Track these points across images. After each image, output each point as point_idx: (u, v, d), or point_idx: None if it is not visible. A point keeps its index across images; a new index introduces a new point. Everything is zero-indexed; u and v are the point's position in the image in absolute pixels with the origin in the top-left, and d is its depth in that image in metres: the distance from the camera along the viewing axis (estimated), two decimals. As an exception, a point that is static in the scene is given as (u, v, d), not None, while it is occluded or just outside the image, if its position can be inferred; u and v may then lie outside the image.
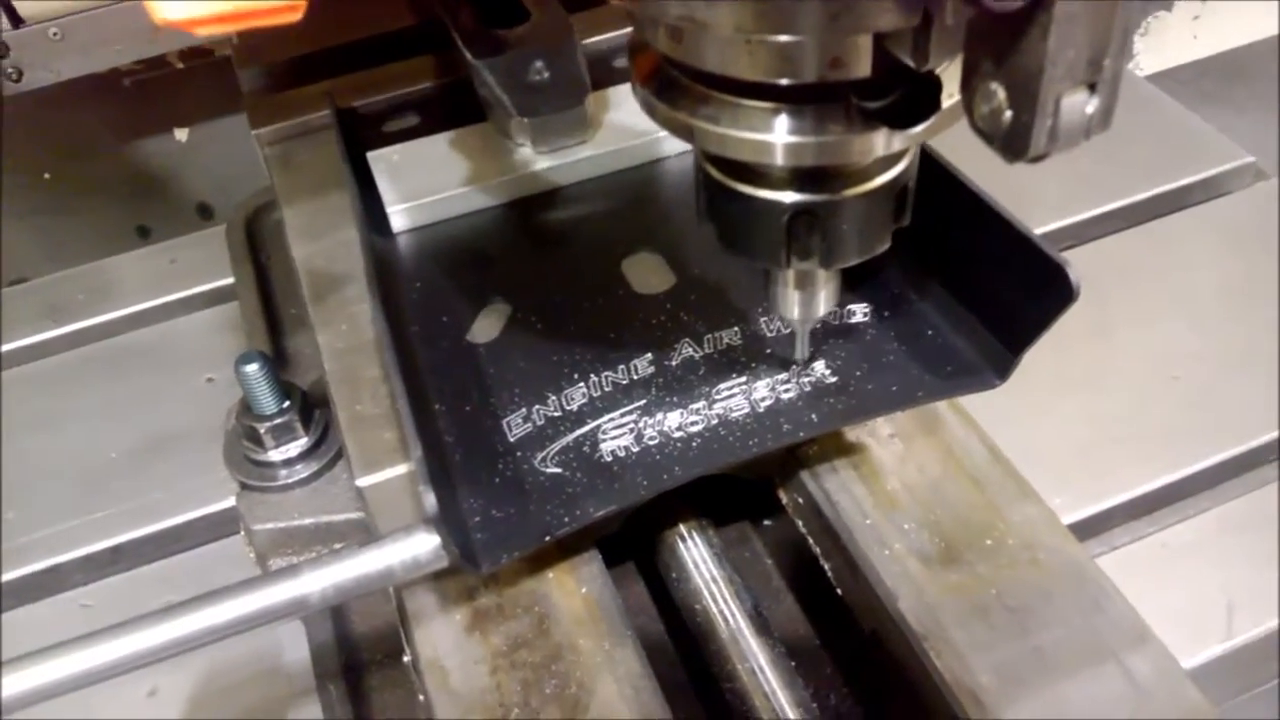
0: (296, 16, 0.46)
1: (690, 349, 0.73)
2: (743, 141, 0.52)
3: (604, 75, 0.89)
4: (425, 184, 0.84)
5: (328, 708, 0.81)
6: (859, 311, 0.74)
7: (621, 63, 0.94)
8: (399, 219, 0.83)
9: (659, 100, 0.54)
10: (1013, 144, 0.41)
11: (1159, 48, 1.74)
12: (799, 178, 0.54)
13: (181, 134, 1.37)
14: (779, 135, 0.51)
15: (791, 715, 0.69)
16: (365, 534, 0.77)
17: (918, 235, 0.64)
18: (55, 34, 1.02)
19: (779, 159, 0.51)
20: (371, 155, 0.86)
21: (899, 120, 0.50)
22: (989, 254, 0.66)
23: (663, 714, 0.64)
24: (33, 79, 1.05)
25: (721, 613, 0.75)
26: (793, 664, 0.73)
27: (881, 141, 0.50)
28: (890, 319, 0.74)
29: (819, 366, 0.71)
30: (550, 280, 0.79)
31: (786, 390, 0.70)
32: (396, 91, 0.95)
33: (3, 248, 1.36)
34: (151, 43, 1.12)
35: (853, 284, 0.74)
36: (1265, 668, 0.85)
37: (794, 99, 0.50)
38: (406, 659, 0.71)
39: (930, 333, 0.72)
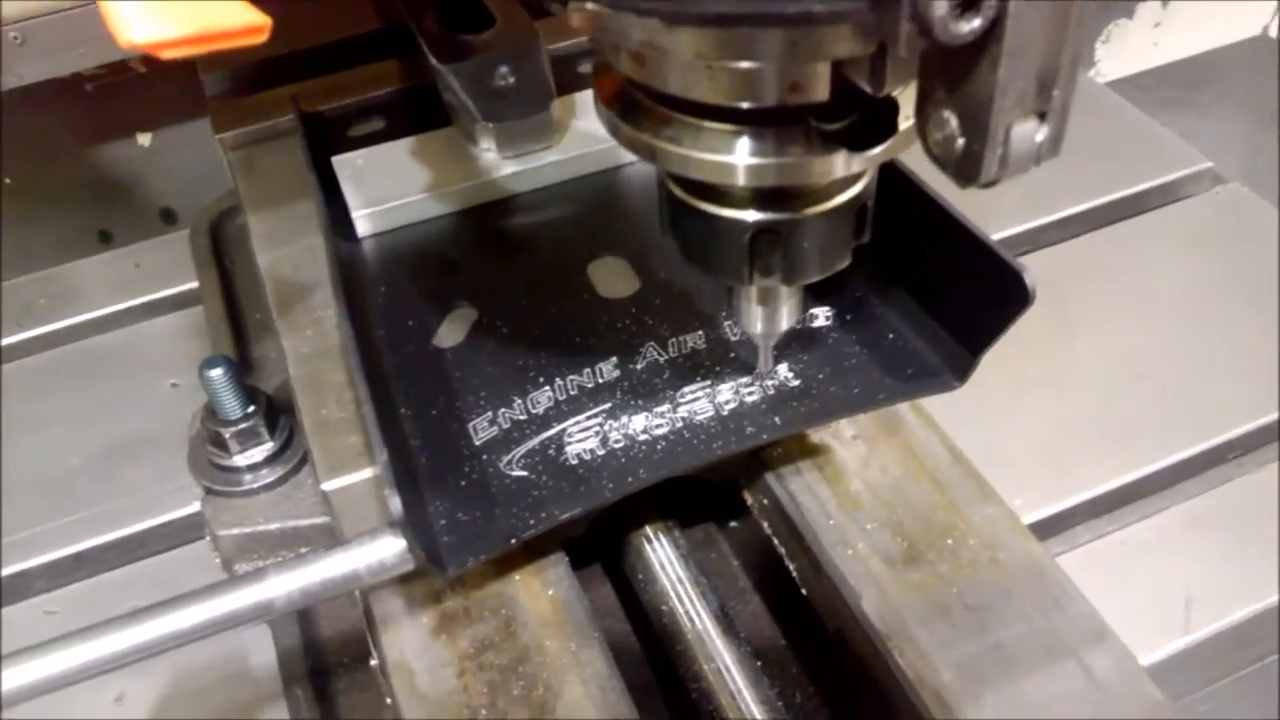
0: (262, 38, 0.47)
1: (655, 353, 0.73)
2: (705, 162, 0.52)
3: (569, 80, 0.90)
4: (390, 189, 0.83)
5: (294, 710, 0.81)
6: (821, 315, 0.75)
7: (587, 68, 0.95)
8: (364, 224, 0.83)
9: (623, 121, 0.54)
10: (964, 170, 0.42)
11: (1120, 54, 1.76)
12: (760, 197, 0.55)
13: (144, 139, 1.36)
14: (740, 157, 0.51)
15: (758, 714, 0.70)
16: (331, 539, 0.77)
17: (879, 240, 0.65)
18: (16, 38, 1.01)
19: (740, 180, 0.52)
20: (336, 160, 0.86)
21: (857, 142, 0.50)
22: (948, 259, 0.67)
23: (629, 714, 0.65)
24: (-6, 83, 1.04)
25: (688, 613, 0.75)
26: (759, 664, 0.73)
27: (840, 163, 0.51)
28: (852, 323, 0.75)
29: (782, 370, 0.72)
30: (515, 285, 0.79)
31: (750, 393, 0.71)
32: (362, 96, 0.95)
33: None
34: (115, 47, 1.11)
35: (816, 288, 0.75)
36: (1223, 662, 0.86)
37: (755, 121, 0.50)
38: (374, 662, 0.71)
39: (891, 336, 0.73)
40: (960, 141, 0.41)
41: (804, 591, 0.75)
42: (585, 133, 0.87)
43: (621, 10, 0.44)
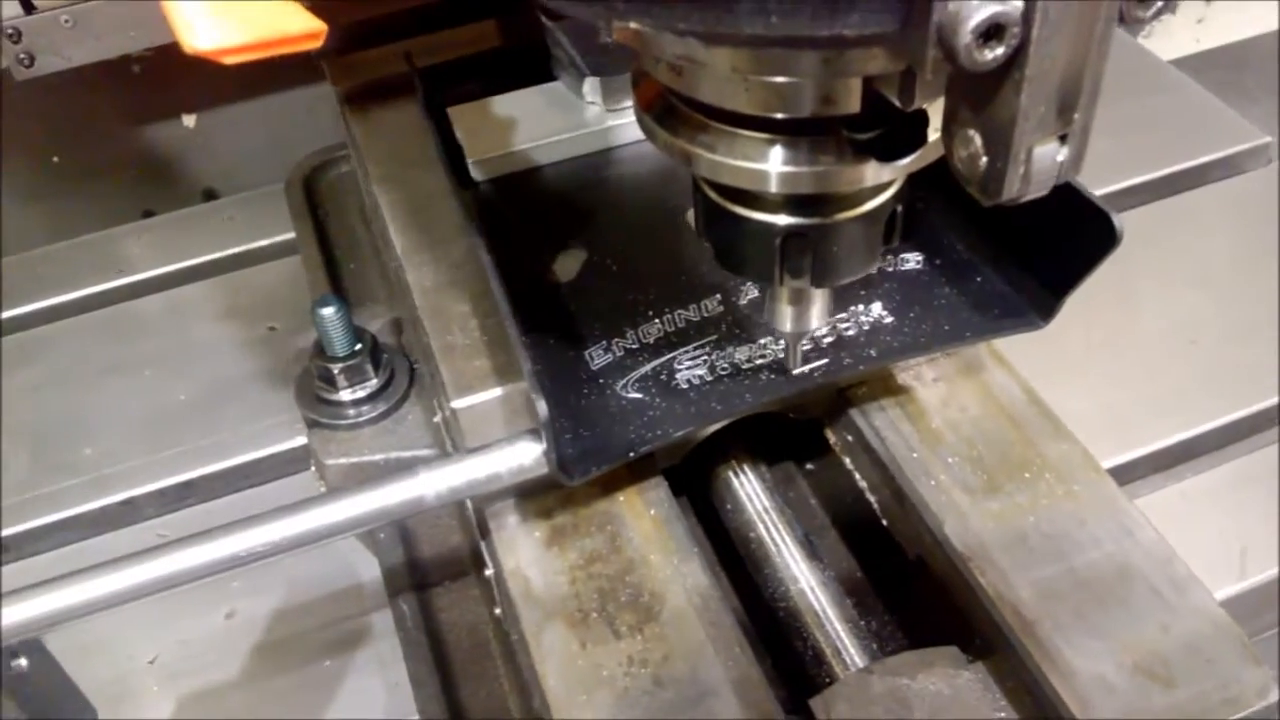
0: (319, 44, 0.50)
1: (756, 290, 0.78)
2: (739, 169, 0.54)
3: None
4: (501, 138, 0.88)
5: (400, 620, 0.86)
6: (912, 260, 0.79)
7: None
8: (478, 170, 0.87)
9: (660, 127, 0.56)
10: (988, 187, 0.44)
11: (1162, 51, 1.75)
12: (792, 202, 0.57)
13: (189, 120, 1.38)
14: (773, 164, 0.53)
15: (841, 631, 0.75)
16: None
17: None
18: (67, 21, 1.02)
19: (773, 187, 0.54)
20: (452, 110, 0.91)
21: (887, 152, 0.52)
22: (1036, 202, 0.71)
23: (729, 622, 0.69)
24: (44, 65, 1.05)
25: (774, 540, 0.80)
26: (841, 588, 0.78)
27: (870, 172, 0.53)
28: (942, 266, 0.79)
29: (876, 308, 0.77)
30: (622, 228, 0.83)
31: (847, 329, 0.75)
32: (471, 51, 0.99)
33: (9, 230, 1.35)
34: (163, 30, 1.13)
35: (906, 234, 0.79)
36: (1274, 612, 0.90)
37: (788, 131, 0.52)
38: (488, 572, 0.76)
39: (979, 279, 0.77)
40: (984, 160, 0.43)
41: (885, 522, 0.79)
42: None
43: (662, 30, 0.46)
